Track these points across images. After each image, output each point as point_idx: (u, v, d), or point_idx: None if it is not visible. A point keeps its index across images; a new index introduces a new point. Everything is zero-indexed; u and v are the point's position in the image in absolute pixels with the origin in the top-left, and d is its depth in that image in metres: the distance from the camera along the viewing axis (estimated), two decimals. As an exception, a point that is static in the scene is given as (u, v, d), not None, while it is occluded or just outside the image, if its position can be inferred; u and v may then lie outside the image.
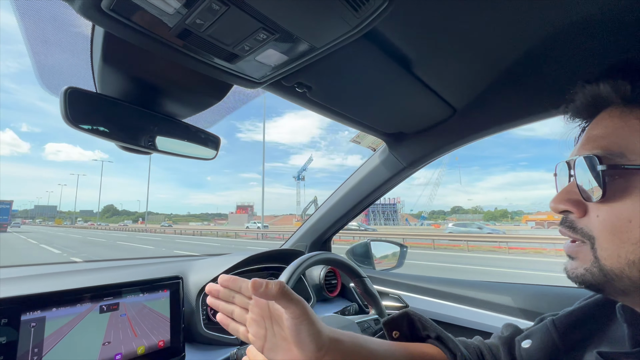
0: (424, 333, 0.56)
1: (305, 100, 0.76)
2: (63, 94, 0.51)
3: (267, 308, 0.45)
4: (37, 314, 0.63)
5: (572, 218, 0.41)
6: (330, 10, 0.43)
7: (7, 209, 40.40)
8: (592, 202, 0.38)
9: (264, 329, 0.45)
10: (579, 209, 0.39)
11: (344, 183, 1.30)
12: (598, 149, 0.38)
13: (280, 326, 0.43)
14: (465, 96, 0.82)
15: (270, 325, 0.44)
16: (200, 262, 1.08)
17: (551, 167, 0.47)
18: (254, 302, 0.46)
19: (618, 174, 0.36)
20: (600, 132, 0.39)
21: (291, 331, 0.41)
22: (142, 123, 0.65)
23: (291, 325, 0.41)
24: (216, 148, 0.80)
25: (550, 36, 0.59)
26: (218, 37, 0.47)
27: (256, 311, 0.45)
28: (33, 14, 0.50)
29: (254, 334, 0.45)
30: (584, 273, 0.38)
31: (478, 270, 9.14)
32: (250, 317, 0.46)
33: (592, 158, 0.37)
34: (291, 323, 0.41)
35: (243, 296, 0.48)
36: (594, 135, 0.40)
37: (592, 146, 0.39)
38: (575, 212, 0.40)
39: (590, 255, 0.38)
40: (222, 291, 0.49)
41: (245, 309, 0.47)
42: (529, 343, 0.51)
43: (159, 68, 0.59)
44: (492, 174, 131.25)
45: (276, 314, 0.44)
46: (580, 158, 0.39)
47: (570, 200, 0.40)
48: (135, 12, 0.42)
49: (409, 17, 0.55)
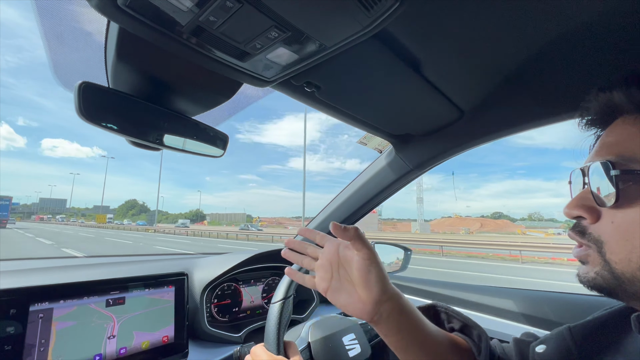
0: (449, 325, 0.60)
1: (314, 99, 0.76)
2: (77, 89, 0.52)
3: (337, 254, 0.52)
4: (45, 305, 0.63)
5: (585, 224, 0.41)
6: (342, 9, 0.44)
7: (7, 205, 40.82)
8: (605, 207, 0.38)
9: (330, 273, 0.51)
10: (592, 214, 0.40)
11: (349, 184, 1.30)
12: (611, 155, 0.38)
13: (346, 270, 0.50)
14: (473, 99, 0.81)
15: (337, 269, 0.51)
16: (204, 259, 1.09)
17: (548, 176, 0.47)
18: (325, 249, 0.54)
19: (631, 179, 0.36)
20: (614, 139, 0.40)
21: (361, 272, 0.48)
22: (152, 119, 0.66)
23: (362, 267, 0.48)
24: (224, 146, 0.80)
25: (559, 40, 0.59)
26: (230, 34, 0.48)
27: (325, 257, 0.53)
28: (51, 10, 0.51)
29: (321, 278, 0.52)
30: (595, 277, 0.38)
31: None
32: (319, 264, 0.53)
33: (605, 164, 0.37)
34: (362, 264, 0.48)
35: (315, 246, 0.56)
36: (608, 142, 0.40)
37: (606, 152, 0.39)
38: (588, 217, 0.40)
39: (599, 259, 0.38)
40: (297, 242, 0.58)
41: (314, 258, 0.55)
42: (543, 348, 0.51)
43: (171, 65, 0.60)
44: (490, 181, 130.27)
45: (344, 259, 0.51)
46: (594, 164, 0.39)
47: (584, 206, 0.41)
48: (150, 9, 0.43)
49: (419, 19, 0.55)
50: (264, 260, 1.13)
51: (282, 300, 0.63)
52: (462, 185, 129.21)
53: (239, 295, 1.07)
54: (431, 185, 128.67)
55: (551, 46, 0.61)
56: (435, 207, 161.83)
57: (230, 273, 1.01)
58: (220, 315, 1.00)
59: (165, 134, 0.68)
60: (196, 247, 17.73)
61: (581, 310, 0.82)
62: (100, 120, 0.57)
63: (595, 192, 0.39)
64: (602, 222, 0.39)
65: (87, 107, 0.53)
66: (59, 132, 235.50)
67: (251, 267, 1.09)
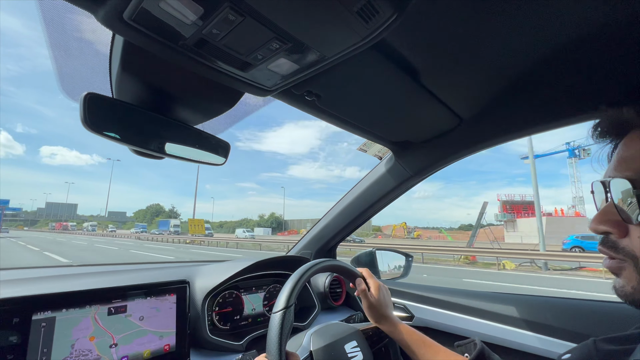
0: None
1: (314, 108, 0.77)
2: (83, 99, 0.53)
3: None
4: (47, 314, 0.64)
5: (614, 238, 0.41)
6: (341, 21, 0.45)
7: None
8: (632, 224, 0.38)
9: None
10: (620, 229, 0.40)
11: (350, 191, 1.31)
12: (630, 172, 0.38)
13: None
14: (471, 106, 0.82)
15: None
16: (206, 267, 1.09)
17: (547, 183, 0.47)
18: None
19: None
20: (630, 154, 0.40)
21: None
22: (155, 128, 0.67)
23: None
24: (226, 154, 0.81)
25: (556, 48, 0.60)
26: (232, 46, 0.49)
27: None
28: (58, 23, 0.52)
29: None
30: (633, 292, 0.39)
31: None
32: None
33: (626, 182, 0.38)
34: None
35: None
36: (625, 157, 0.40)
37: (624, 168, 0.40)
38: (615, 232, 0.40)
39: (635, 274, 0.38)
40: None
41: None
42: (568, 355, 0.52)
43: (174, 75, 0.61)
44: (489, 188, 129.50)
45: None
46: (615, 180, 0.39)
47: (609, 221, 0.41)
48: (154, 22, 0.44)
49: (418, 29, 0.56)
50: (265, 267, 1.13)
51: (284, 310, 0.63)
52: (462, 192, 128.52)
53: (240, 303, 1.06)
54: (432, 193, 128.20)
55: (547, 55, 0.62)
56: (435, 214, 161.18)
57: (231, 281, 1.01)
58: (221, 323, 1.00)
59: (167, 143, 0.69)
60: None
61: (583, 315, 0.82)
62: (104, 130, 0.57)
63: (619, 206, 0.39)
64: (632, 237, 0.39)
65: (92, 118, 0.54)
66: (58, 140, 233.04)
67: (252, 274, 1.09)
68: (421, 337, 0.77)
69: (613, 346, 0.48)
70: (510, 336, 0.92)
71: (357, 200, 1.26)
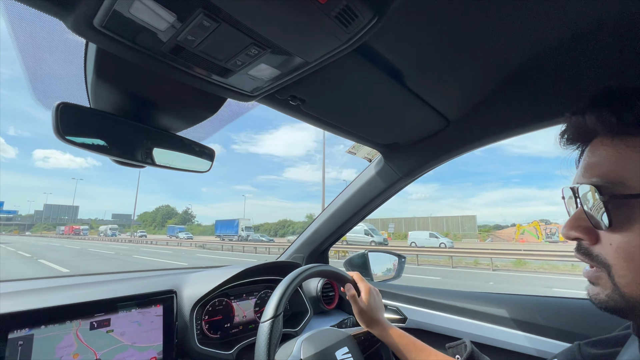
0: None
1: (300, 112, 0.76)
2: (55, 110, 0.51)
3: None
4: (25, 331, 0.61)
5: (586, 245, 0.41)
6: (319, 26, 0.44)
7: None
8: (602, 230, 0.38)
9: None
10: (590, 236, 0.39)
11: (340, 194, 1.30)
12: (596, 177, 0.38)
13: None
14: (458, 108, 0.82)
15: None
16: (195, 275, 1.07)
17: (542, 184, 0.46)
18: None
19: (621, 204, 0.36)
20: (596, 160, 0.39)
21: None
22: (136, 137, 0.65)
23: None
24: (210, 160, 0.79)
25: (542, 51, 0.60)
26: (210, 52, 0.48)
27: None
28: (27, 31, 0.50)
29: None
30: (606, 300, 0.38)
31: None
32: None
33: (593, 188, 0.37)
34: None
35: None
36: (591, 164, 0.40)
37: (590, 174, 0.39)
38: (586, 239, 0.40)
39: (609, 283, 0.38)
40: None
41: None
42: (555, 358, 0.52)
43: (152, 83, 0.59)
44: (485, 190, 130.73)
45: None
46: (583, 187, 0.39)
47: (580, 227, 0.40)
48: (127, 29, 0.43)
49: (399, 32, 0.56)
50: (256, 274, 1.11)
51: (272, 319, 0.62)
52: (458, 194, 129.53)
53: (230, 310, 1.05)
54: (428, 195, 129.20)
55: (533, 56, 0.62)
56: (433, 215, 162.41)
57: (221, 288, 0.99)
58: (211, 332, 0.98)
59: (149, 152, 0.68)
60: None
61: (571, 314, 0.82)
62: (81, 141, 0.55)
63: (589, 213, 0.39)
64: (603, 244, 0.38)
65: (65, 128, 0.52)
66: (51, 143, 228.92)
67: (242, 281, 1.07)
68: (412, 341, 0.76)
69: (598, 350, 0.48)
70: (501, 336, 0.92)
71: (348, 202, 1.26)
